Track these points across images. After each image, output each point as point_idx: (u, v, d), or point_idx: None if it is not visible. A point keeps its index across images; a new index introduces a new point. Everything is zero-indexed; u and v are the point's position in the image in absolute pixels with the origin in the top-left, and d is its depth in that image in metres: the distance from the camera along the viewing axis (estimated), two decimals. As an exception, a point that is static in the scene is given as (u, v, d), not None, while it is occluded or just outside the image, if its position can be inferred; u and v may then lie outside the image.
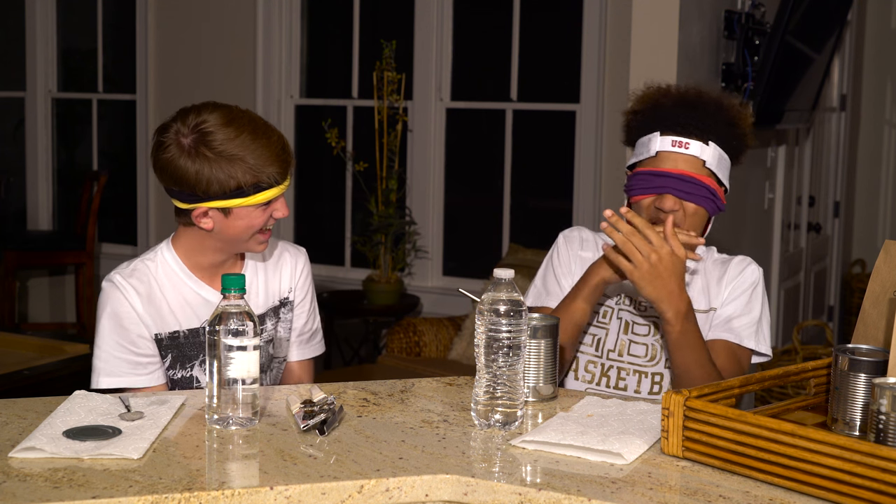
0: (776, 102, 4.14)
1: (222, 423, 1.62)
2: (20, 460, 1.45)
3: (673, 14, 3.60)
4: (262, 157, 1.90)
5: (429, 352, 4.33)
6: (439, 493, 1.45)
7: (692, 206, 2.04)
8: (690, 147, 2.04)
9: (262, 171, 1.90)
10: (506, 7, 4.72)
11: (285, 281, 2.14)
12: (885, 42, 6.10)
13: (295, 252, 2.18)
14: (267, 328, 2.10)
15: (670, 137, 2.05)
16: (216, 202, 1.91)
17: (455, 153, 4.89)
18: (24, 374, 3.22)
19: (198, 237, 2.00)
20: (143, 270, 2.01)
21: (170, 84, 5.29)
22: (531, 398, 1.81)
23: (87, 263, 5.12)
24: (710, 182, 2.04)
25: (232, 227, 1.95)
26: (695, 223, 2.06)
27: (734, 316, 2.09)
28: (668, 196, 2.03)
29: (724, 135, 2.07)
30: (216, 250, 2.01)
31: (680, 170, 2.04)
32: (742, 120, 2.10)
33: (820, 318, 5.73)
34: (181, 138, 1.89)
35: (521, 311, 1.64)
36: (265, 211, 1.96)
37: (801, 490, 1.37)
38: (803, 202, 5.27)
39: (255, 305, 2.08)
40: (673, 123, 2.06)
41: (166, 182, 1.94)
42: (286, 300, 2.14)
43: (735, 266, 2.14)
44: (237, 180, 1.89)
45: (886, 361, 1.50)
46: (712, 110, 2.07)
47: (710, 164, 2.05)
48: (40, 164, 5.77)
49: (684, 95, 2.09)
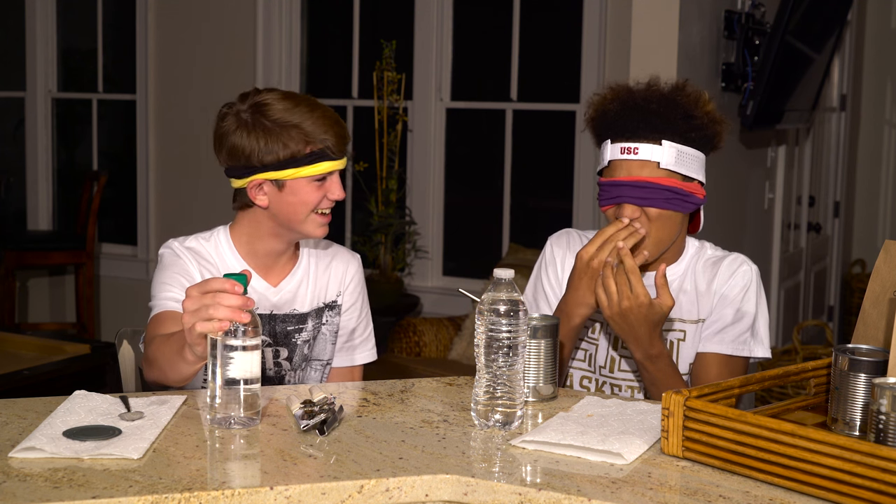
0: (776, 102, 4.14)
1: (223, 424, 1.62)
2: (20, 460, 1.45)
3: (673, 14, 3.60)
4: (317, 124, 1.93)
5: (429, 352, 4.33)
6: (439, 493, 1.45)
7: (654, 210, 1.98)
8: (640, 151, 1.97)
9: (317, 139, 1.93)
10: (506, 7, 4.72)
11: (333, 284, 2.13)
12: (885, 42, 6.10)
13: (348, 257, 2.17)
14: (307, 327, 2.09)
15: (619, 144, 1.99)
16: (270, 173, 1.93)
17: (455, 153, 4.89)
18: (24, 374, 3.22)
19: (255, 221, 2.01)
20: (198, 246, 2.04)
21: (170, 84, 5.29)
22: (531, 398, 1.81)
23: (87, 263, 5.12)
24: (671, 182, 1.97)
25: (287, 204, 1.96)
26: (664, 226, 2.00)
27: (725, 326, 2.04)
28: (626, 205, 1.98)
29: (680, 129, 1.98)
30: (273, 235, 2.02)
31: (633, 176, 1.97)
32: (699, 108, 2.00)
33: (820, 318, 5.73)
34: (240, 112, 1.94)
35: (521, 311, 1.64)
36: (320, 188, 1.96)
37: (801, 490, 1.37)
38: (803, 202, 5.27)
39: (300, 303, 2.09)
40: (620, 129, 2.00)
41: (224, 159, 1.97)
42: (334, 303, 2.13)
43: (725, 269, 2.08)
44: (291, 149, 1.92)
45: (886, 361, 1.50)
46: (661, 108, 1.98)
47: (666, 165, 1.97)
48: (40, 164, 5.77)
49: (631, 97, 2.01)
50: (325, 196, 1.97)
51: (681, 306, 2.07)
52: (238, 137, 1.92)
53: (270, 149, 1.91)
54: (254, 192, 1.96)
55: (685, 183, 1.99)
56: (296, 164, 1.92)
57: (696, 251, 2.13)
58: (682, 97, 2.00)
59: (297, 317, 2.08)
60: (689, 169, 2.00)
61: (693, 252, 2.13)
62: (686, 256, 2.12)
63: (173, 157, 5.32)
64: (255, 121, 1.92)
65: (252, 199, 1.97)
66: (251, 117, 1.92)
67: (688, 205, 2.00)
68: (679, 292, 2.08)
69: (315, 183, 1.95)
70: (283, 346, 2.07)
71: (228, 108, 1.96)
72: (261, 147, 1.91)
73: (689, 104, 1.99)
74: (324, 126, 1.93)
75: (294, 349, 2.08)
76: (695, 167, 2.01)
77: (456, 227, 4.93)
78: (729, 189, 4.24)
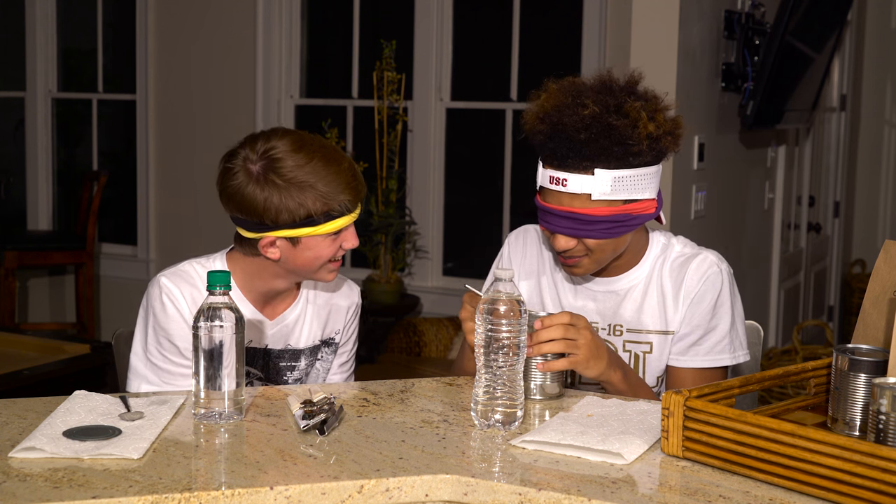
0: (776, 102, 4.14)
1: (207, 418, 1.64)
2: (20, 460, 1.45)
3: (673, 14, 3.60)
4: (333, 183, 1.84)
5: (429, 352, 4.33)
6: (439, 493, 1.45)
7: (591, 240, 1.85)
8: (569, 183, 1.80)
9: (334, 199, 1.84)
10: (506, 7, 4.72)
11: (333, 322, 2.08)
12: (885, 42, 6.10)
13: (348, 291, 2.11)
14: (300, 365, 2.05)
15: (549, 172, 1.83)
16: (285, 231, 1.85)
17: (455, 153, 4.89)
18: (24, 374, 3.23)
19: (258, 263, 1.93)
20: (190, 275, 1.94)
21: (170, 84, 5.29)
22: (538, 396, 1.81)
23: (87, 263, 5.12)
24: (607, 211, 1.81)
25: (300, 258, 1.88)
26: (607, 248, 1.87)
27: (699, 338, 1.95)
28: (558, 236, 1.86)
29: (616, 155, 1.79)
30: (276, 276, 1.95)
31: (564, 207, 1.82)
32: (637, 131, 1.79)
33: (820, 318, 5.73)
34: (249, 165, 1.83)
35: (521, 311, 1.63)
36: (335, 241, 1.89)
37: (801, 490, 1.37)
38: (803, 202, 5.27)
39: (296, 340, 2.03)
40: (549, 157, 1.83)
41: (232, 210, 1.88)
42: (331, 340, 2.09)
43: (694, 273, 1.94)
44: (307, 209, 1.83)
45: (886, 361, 1.50)
46: (592, 136, 1.78)
47: (600, 196, 1.80)
48: (40, 164, 5.76)
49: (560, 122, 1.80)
50: (340, 246, 1.92)
51: (646, 315, 1.97)
52: (249, 196, 1.83)
53: (285, 208, 1.82)
54: (266, 248, 1.88)
55: (627, 206, 1.83)
56: (312, 224, 1.84)
57: (662, 250, 1.99)
58: (619, 119, 1.79)
59: (290, 353, 2.03)
60: (632, 191, 1.82)
61: (658, 251, 1.99)
62: (649, 257, 1.99)
63: (173, 157, 5.32)
64: (268, 179, 1.82)
65: (263, 253, 1.89)
66: (263, 174, 1.82)
67: (631, 226, 1.86)
68: (644, 300, 1.98)
69: (331, 237, 1.88)
70: (273, 382, 2.03)
71: (234, 162, 1.86)
72: (275, 206, 1.82)
73: (624, 128, 1.79)
74: (340, 186, 1.85)
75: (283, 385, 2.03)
76: (640, 186, 1.83)
77: (456, 227, 4.93)
78: (729, 189, 4.24)
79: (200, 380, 1.64)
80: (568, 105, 1.82)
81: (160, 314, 1.92)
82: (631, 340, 1.99)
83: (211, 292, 1.64)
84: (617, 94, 1.83)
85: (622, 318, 2.00)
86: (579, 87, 1.86)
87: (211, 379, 1.63)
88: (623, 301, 2.00)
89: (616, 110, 1.80)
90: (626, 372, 1.89)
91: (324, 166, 1.84)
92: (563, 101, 1.83)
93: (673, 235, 2.02)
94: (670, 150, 1.87)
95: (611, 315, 2.00)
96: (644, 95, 1.86)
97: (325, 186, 1.83)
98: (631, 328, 1.99)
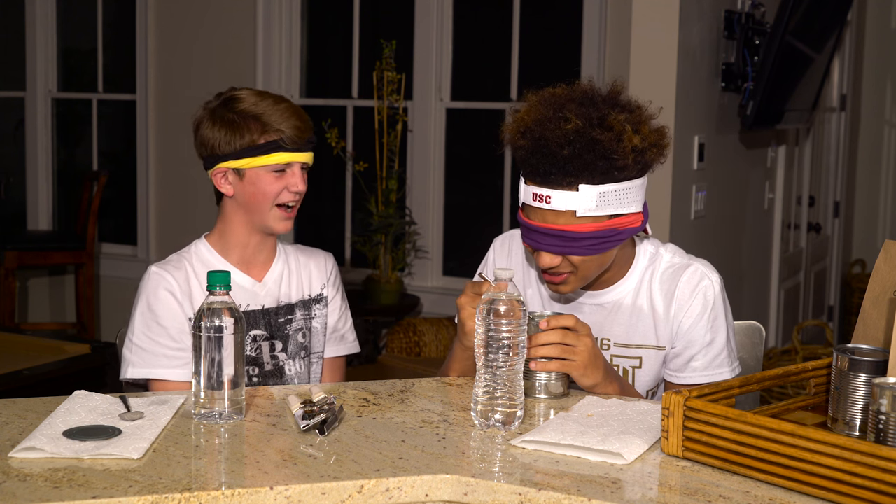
0: (776, 102, 4.14)
1: (207, 418, 1.65)
2: (20, 460, 1.45)
3: (673, 14, 3.60)
4: (275, 115, 1.99)
5: (429, 352, 4.33)
6: (439, 493, 1.45)
7: (576, 256, 1.81)
8: (553, 200, 1.75)
9: (274, 129, 1.98)
10: (506, 7, 4.72)
11: (316, 278, 2.19)
12: (885, 42, 6.10)
13: (324, 255, 2.25)
14: (296, 317, 2.14)
15: (532, 189, 1.78)
16: (229, 162, 2.00)
17: (455, 153, 4.89)
18: (24, 374, 3.23)
19: (226, 213, 2.08)
20: (178, 260, 2.09)
21: (170, 84, 5.29)
22: (542, 395, 1.81)
23: (87, 263, 5.12)
24: (592, 227, 1.77)
25: (248, 193, 2.02)
26: (592, 264, 1.84)
27: (694, 355, 1.92)
28: (542, 254, 1.82)
29: (600, 170, 1.74)
30: (242, 224, 2.07)
31: (548, 224, 1.78)
32: (622, 145, 1.74)
33: (820, 318, 5.73)
34: (210, 105, 2.04)
35: (521, 311, 1.63)
36: (279, 179, 2.02)
37: (801, 490, 1.37)
38: (803, 202, 5.27)
39: (285, 294, 2.14)
40: (531, 173, 1.78)
41: (198, 149, 2.06)
42: (320, 296, 2.19)
43: (684, 287, 1.91)
44: (251, 138, 1.99)
45: (886, 361, 1.50)
46: (575, 151, 1.73)
47: (585, 212, 1.75)
48: (40, 164, 5.76)
49: (543, 138, 1.76)
50: (286, 188, 2.03)
51: (635, 330, 1.94)
52: (205, 129, 2.02)
53: (230, 139, 1.99)
54: (219, 180, 2.04)
55: (612, 220, 1.79)
56: (251, 154, 1.99)
57: (650, 261, 1.95)
58: (603, 132, 1.74)
59: (285, 307, 2.14)
60: (618, 206, 1.78)
61: (646, 262, 1.95)
62: (637, 268, 1.96)
63: (173, 157, 5.32)
64: (222, 113, 2.01)
65: (218, 187, 2.05)
66: (219, 110, 2.02)
67: (617, 241, 1.82)
68: (632, 314, 1.94)
69: (273, 174, 2.02)
70: (278, 338, 2.12)
71: (205, 104, 2.06)
72: (222, 137, 2.00)
73: (609, 142, 1.74)
74: (281, 117, 2.00)
75: (287, 340, 2.13)
76: (626, 200, 1.79)
77: (456, 227, 4.93)
78: (729, 189, 4.24)
79: (200, 380, 1.64)
80: (550, 119, 1.78)
81: (151, 297, 2.03)
82: (619, 355, 1.96)
83: (211, 292, 1.64)
84: (600, 106, 1.78)
85: (610, 333, 1.97)
86: (560, 100, 1.81)
87: (211, 379, 1.64)
88: (610, 315, 1.96)
89: (599, 123, 1.76)
90: (622, 386, 1.88)
91: (273, 104, 2.02)
92: (544, 115, 1.79)
93: (661, 244, 1.98)
94: (656, 162, 1.83)
95: (598, 329, 1.96)
96: (628, 106, 1.81)
97: (269, 117, 1.99)
98: (619, 343, 1.96)
